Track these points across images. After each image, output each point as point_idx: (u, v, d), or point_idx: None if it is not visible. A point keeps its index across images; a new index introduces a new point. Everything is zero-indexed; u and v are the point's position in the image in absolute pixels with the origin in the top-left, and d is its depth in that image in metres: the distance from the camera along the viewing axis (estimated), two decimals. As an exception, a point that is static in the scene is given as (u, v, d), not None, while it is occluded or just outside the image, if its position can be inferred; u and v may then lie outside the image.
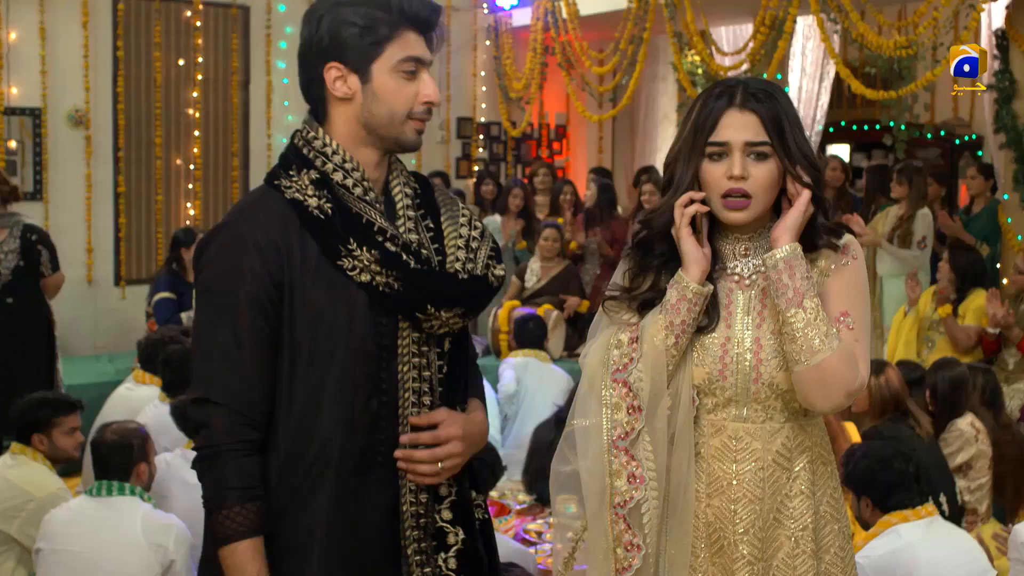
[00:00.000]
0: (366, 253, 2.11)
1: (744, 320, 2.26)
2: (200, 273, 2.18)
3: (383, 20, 2.15)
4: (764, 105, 2.20)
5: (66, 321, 7.58)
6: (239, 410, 2.10)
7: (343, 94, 2.17)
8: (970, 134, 10.55)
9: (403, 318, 2.17)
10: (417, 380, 2.19)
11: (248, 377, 2.11)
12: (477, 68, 10.79)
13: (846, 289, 2.23)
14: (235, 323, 2.10)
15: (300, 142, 2.22)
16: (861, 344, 2.20)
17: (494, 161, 11.01)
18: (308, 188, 2.15)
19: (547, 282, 8.12)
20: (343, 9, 2.15)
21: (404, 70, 2.17)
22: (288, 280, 2.11)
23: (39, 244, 6.14)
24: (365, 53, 2.15)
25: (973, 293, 6.57)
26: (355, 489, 2.14)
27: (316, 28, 2.16)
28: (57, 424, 4.50)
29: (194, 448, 2.14)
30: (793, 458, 2.25)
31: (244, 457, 2.10)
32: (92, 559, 3.81)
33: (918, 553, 3.38)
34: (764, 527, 2.24)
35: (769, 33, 8.24)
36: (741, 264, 2.30)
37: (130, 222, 8.76)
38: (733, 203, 2.21)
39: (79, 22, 8.36)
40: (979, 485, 4.74)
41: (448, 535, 2.22)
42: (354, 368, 2.13)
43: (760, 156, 2.20)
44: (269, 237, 2.11)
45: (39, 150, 8.28)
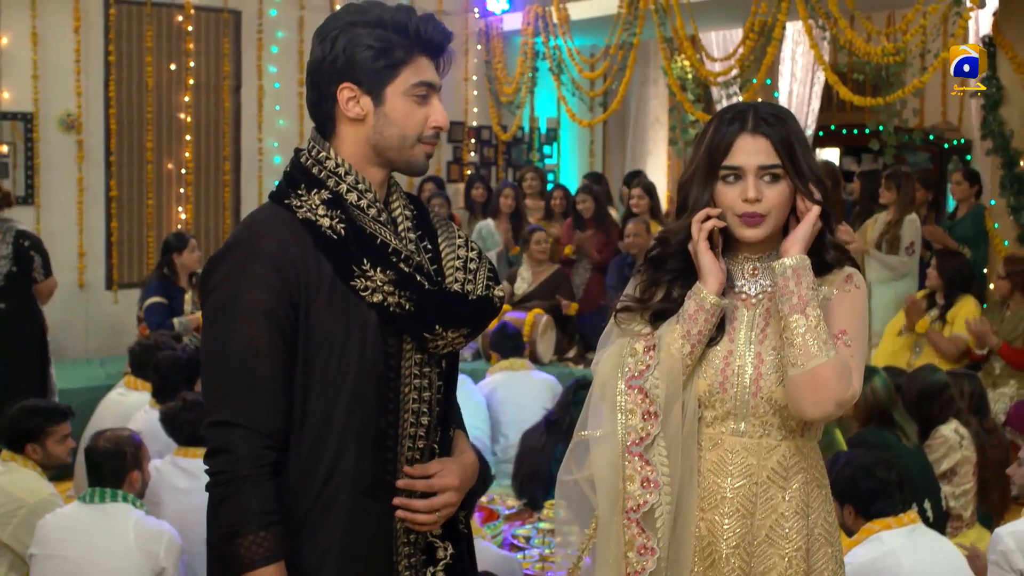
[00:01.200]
0: (380, 274, 2.12)
1: (748, 335, 2.32)
2: (214, 290, 2.14)
3: (399, 44, 2.17)
4: (775, 129, 2.26)
5: (58, 325, 7.61)
6: (261, 431, 2.08)
7: (355, 115, 2.18)
8: (959, 138, 10.62)
9: (408, 338, 2.18)
10: (417, 401, 2.21)
11: (269, 396, 2.09)
12: (468, 72, 10.83)
13: (847, 311, 2.29)
14: (255, 340, 2.08)
15: (308, 161, 2.22)
16: (856, 360, 2.25)
17: (485, 165, 11.05)
18: (319, 208, 2.14)
19: (537, 286, 8.15)
20: (358, 30, 2.16)
21: (416, 94, 2.19)
22: (304, 299, 2.11)
23: (32, 250, 6.17)
24: (380, 76, 2.17)
25: (961, 299, 6.62)
26: (367, 509, 2.16)
27: (331, 47, 2.17)
28: (50, 433, 4.53)
29: (211, 472, 2.10)
30: (789, 477, 2.29)
31: (266, 480, 2.08)
32: (84, 565, 3.84)
33: (900, 560, 3.42)
34: (755, 543, 2.28)
35: (758, 39, 8.29)
36: (749, 284, 2.36)
37: (122, 226, 8.78)
38: (749, 220, 2.28)
39: (71, 27, 8.37)
40: (964, 491, 4.78)
41: (437, 549, 2.26)
42: (365, 388, 2.14)
43: (773, 178, 2.26)
44: (287, 255, 2.10)
45: (31, 154, 8.30)
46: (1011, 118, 7.34)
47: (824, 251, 2.32)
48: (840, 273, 2.34)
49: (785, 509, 2.28)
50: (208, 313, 2.17)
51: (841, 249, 2.35)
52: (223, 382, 2.11)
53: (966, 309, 6.55)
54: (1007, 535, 3.59)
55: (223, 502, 2.08)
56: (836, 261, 2.33)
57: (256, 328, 2.08)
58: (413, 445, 2.21)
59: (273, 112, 9.41)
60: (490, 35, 10.80)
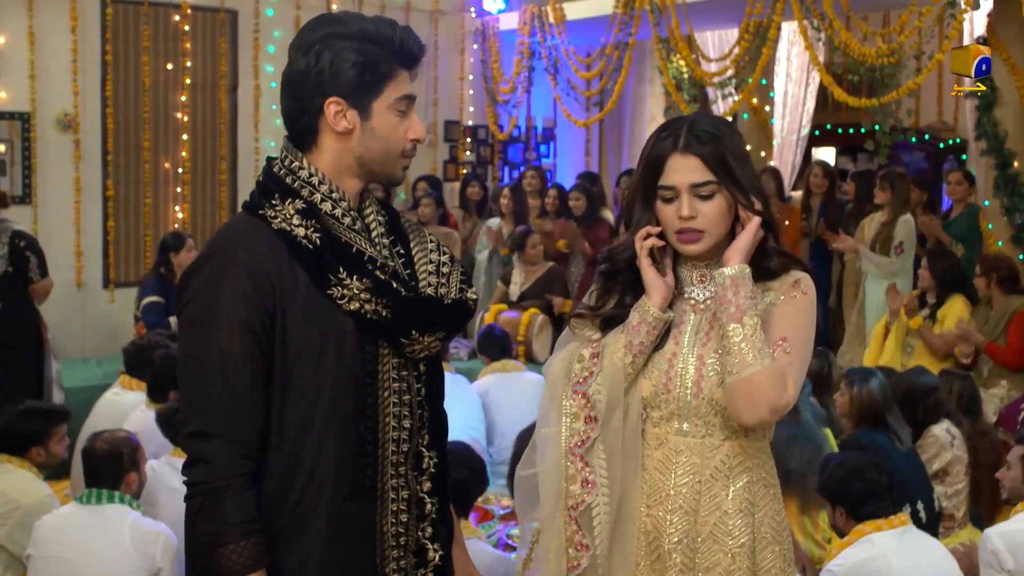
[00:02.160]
0: (356, 282, 2.14)
1: (692, 339, 2.38)
2: (191, 301, 2.15)
3: (383, 58, 2.19)
4: (707, 146, 2.31)
5: (55, 324, 7.62)
6: (239, 441, 2.09)
7: (343, 128, 2.20)
8: (954, 138, 10.64)
9: (385, 344, 2.20)
10: (397, 404, 2.22)
11: (246, 406, 2.10)
12: (464, 72, 10.85)
13: (791, 318, 2.33)
14: (231, 350, 2.09)
15: (281, 171, 2.22)
16: (795, 368, 2.29)
17: (481, 164, 11.07)
18: (294, 218, 2.16)
19: (531, 285, 8.16)
20: (342, 43, 2.17)
21: (399, 108, 2.23)
22: (280, 309, 2.12)
23: (27, 250, 6.20)
24: (367, 90, 2.19)
25: (952, 298, 6.66)
26: (348, 514, 2.18)
27: (316, 61, 2.17)
28: (52, 435, 4.56)
29: (189, 483, 2.11)
30: (732, 476, 2.35)
31: (245, 490, 2.09)
32: (81, 566, 3.86)
33: (890, 562, 3.45)
34: (698, 539, 2.34)
35: (754, 39, 8.31)
36: (697, 289, 2.42)
37: (119, 225, 8.79)
38: (685, 238, 2.35)
39: (68, 27, 8.39)
40: (956, 491, 4.81)
41: (428, 551, 2.28)
42: (343, 396, 2.16)
43: (708, 194, 2.32)
44: (262, 265, 2.12)
45: (28, 154, 8.31)
46: (1005, 119, 7.37)
47: (767, 258, 2.37)
48: (787, 278, 2.38)
49: (729, 507, 2.34)
50: (184, 324, 2.17)
51: (785, 255, 2.40)
52: (200, 392, 2.12)
53: (956, 308, 6.59)
54: (996, 536, 3.63)
55: (203, 512, 2.08)
56: (781, 268, 2.38)
57: (232, 338, 2.09)
58: (397, 449, 2.23)
59: (270, 112, 9.41)
60: (486, 34, 10.82)
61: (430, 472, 2.29)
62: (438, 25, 10.57)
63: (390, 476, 2.22)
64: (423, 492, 2.28)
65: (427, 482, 2.29)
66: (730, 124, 2.44)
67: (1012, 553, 3.61)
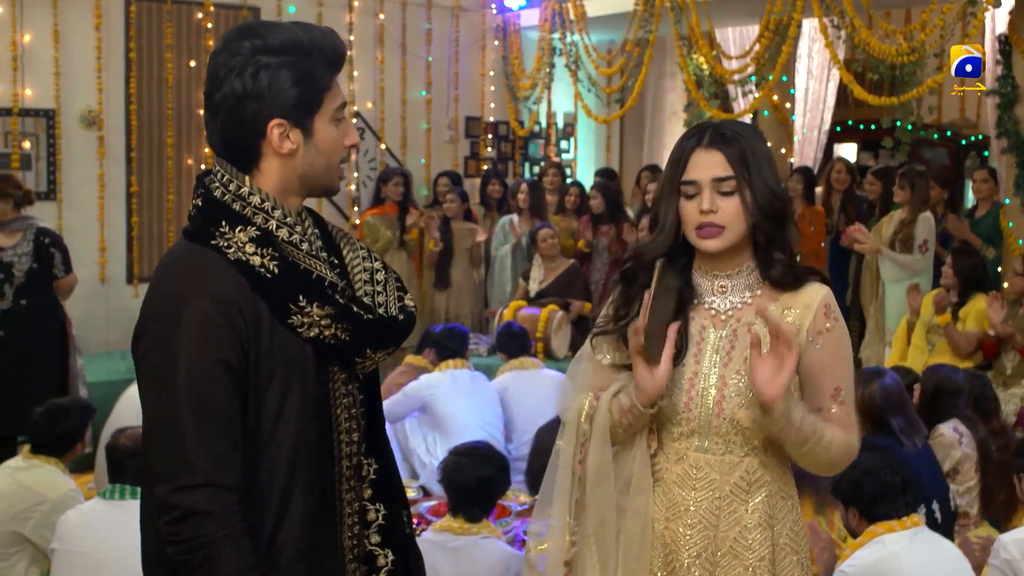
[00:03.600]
0: (317, 309, 2.07)
1: (713, 358, 2.38)
2: (146, 355, 2.04)
3: (317, 70, 2.10)
4: (731, 144, 2.33)
5: (79, 319, 7.69)
6: (229, 486, 1.98)
7: (287, 150, 2.11)
8: (976, 134, 10.59)
9: (336, 363, 2.15)
10: (348, 419, 2.18)
11: (230, 448, 2.00)
12: (485, 68, 10.87)
13: (836, 361, 2.37)
14: (207, 392, 1.98)
15: (226, 196, 2.10)
16: (852, 417, 2.37)
17: (502, 160, 11.10)
18: (247, 246, 2.05)
19: (551, 282, 8.18)
20: (276, 60, 2.06)
21: (336, 118, 2.16)
22: (253, 344, 2.03)
23: (52, 247, 6.27)
24: (308, 108, 2.10)
25: (975, 298, 6.64)
26: (312, 542, 2.13)
27: (252, 82, 2.05)
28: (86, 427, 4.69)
29: (179, 539, 1.96)
30: (752, 491, 2.36)
31: (241, 537, 1.98)
32: (104, 560, 3.91)
33: (903, 562, 3.46)
34: (717, 554, 2.35)
35: (774, 37, 8.30)
36: (718, 300, 2.42)
37: (142, 221, 8.87)
38: (705, 232, 2.35)
39: (92, 24, 8.46)
40: (967, 488, 4.81)
41: (378, 557, 2.23)
42: (308, 425, 2.10)
43: (729, 191, 2.33)
44: (228, 298, 2.02)
45: (53, 150, 8.39)
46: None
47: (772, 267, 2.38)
48: (810, 295, 2.38)
49: (748, 521, 2.35)
50: (150, 371, 2.04)
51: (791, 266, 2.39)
52: (179, 443, 1.97)
53: (979, 308, 6.57)
54: (1011, 543, 3.62)
55: (202, 567, 1.96)
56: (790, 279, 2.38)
57: (209, 379, 1.98)
58: (349, 463, 2.18)
59: (291, 108, 9.46)
60: (507, 31, 10.85)
61: (370, 479, 2.22)
62: (459, 21, 10.60)
63: (344, 491, 2.18)
64: (365, 500, 2.21)
65: (368, 489, 2.22)
66: (756, 128, 2.46)
67: (1027, 560, 3.61)
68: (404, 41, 10.14)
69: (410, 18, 10.23)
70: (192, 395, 1.97)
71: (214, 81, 2.08)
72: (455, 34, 10.56)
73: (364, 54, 9.93)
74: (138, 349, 2.06)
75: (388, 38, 10.02)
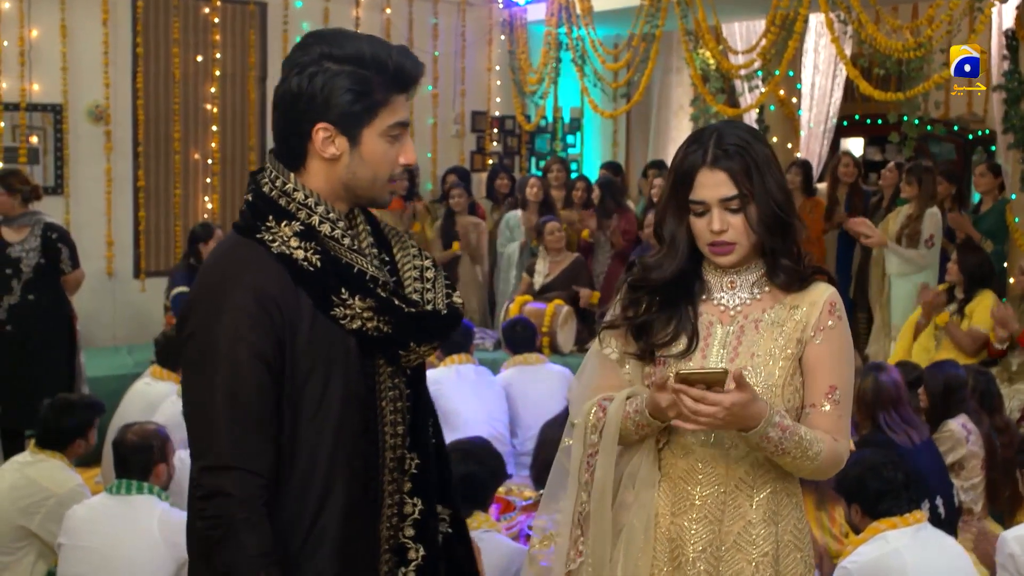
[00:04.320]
0: (359, 301, 2.12)
1: (720, 353, 2.39)
2: (189, 340, 2.13)
3: (378, 85, 2.14)
4: (734, 160, 2.33)
5: (86, 313, 7.74)
6: (255, 471, 2.06)
7: (330, 155, 2.16)
8: (983, 129, 10.57)
9: (382, 356, 2.21)
10: (393, 412, 2.24)
11: (260, 435, 2.08)
12: (492, 62, 10.88)
13: (835, 359, 2.37)
14: (241, 380, 2.06)
15: (273, 191, 2.17)
16: (844, 419, 2.37)
17: (508, 155, 11.11)
18: (291, 240, 2.12)
19: (556, 276, 8.19)
20: (337, 67, 2.12)
21: (391, 135, 2.19)
22: (289, 335, 2.10)
23: (59, 242, 6.30)
24: (357, 118, 2.15)
25: (981, 294, 6.63)
26: (354, 530, 2.19)
27: (308, 83, 2.12)
28: (92, 425, 4.69)
29: (205, 515, 2.07)
30: (757, 486, 2.37)
31: (263, 522, 2.06)
32: (110, 555, 3.95)
33: (905, 559, 3.47)
34: (723, 548, 2.37)
35: (780, 32, 8.29)
36: (727, 295, 2.43)
37: (149, 216, 8.90)
38: (718, 250, 2.38)
39: (99, 20, 8.49)
40: (972, 484, 4.82)
41: (409, 551, 2.28)
42: (351, 415, 2.16)
43: (736, 208, 2.34)
44: (268, 292, 2.09)
45: (60, 145, 8.43)
46: (1033, 113, 7.32)
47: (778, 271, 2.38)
48: (816, 294, 2.39)
49: (753, 516, 2.37)
50: (190, 358, 2.14)
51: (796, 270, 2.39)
52: (212, 426, 2.07)
53: (984, 304, 6.56)
54: (1013, 540, 3.63)
55: (220, 545, 2.05)
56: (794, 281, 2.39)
57: (243, 368, 2.06)
58: (393, 456, 2.25)
59: (298, 103, 9.49)
60: (514, 25, 10.85)
61: (411, 473, 2.28)
62: (466, 16, 10.61)
63: (387, 483, 2.24)
64: (403, 492, 2.27)
65: (408, 483, 2.28)
66: (756, 133, 2.44)
67: (1030, 556, 3.62)
68: (411, 36, 10.14)
69: (416, 13, 10.24)
70: (227, 384, 2.06)
71: (282, 77, 2.17)
72: (461, 28, 10.57)
73: (371, 50, 9.90)
74: (182, 331, 2.15)
75: (395, 32, 10.03)
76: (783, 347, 2.36)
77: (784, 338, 2.37)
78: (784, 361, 2.36)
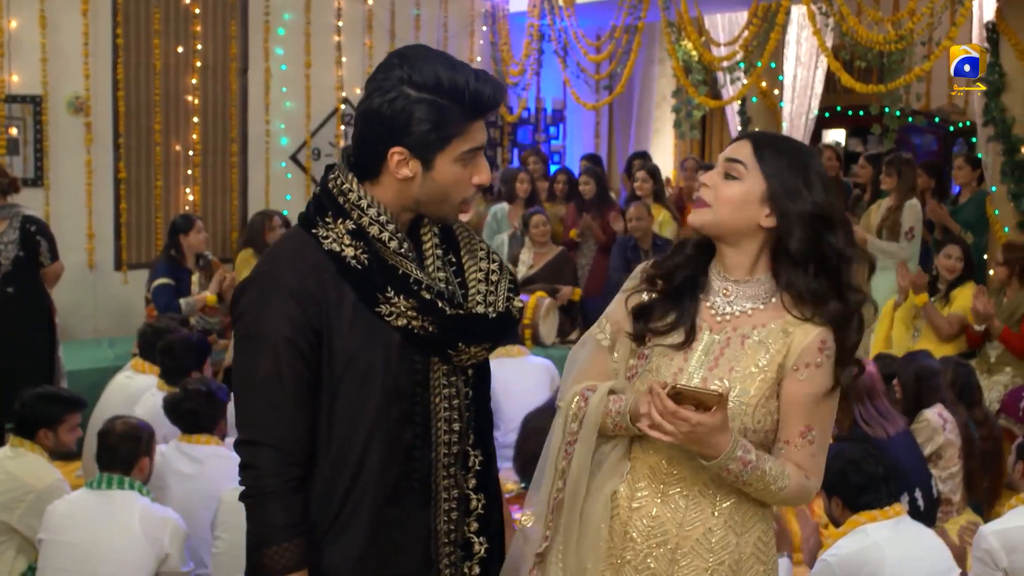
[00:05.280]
0: (403, 301, 2.22)
1: (701, 359, 2.35)
2: (239, 319, 2.28)
3: (455, 115, 2.20)
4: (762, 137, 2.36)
5: (67, 306, 7.71)
6: (285, 449, 2.22)
7: (403, 176, 2.24)
8: (964, 121, 10.62)
9: (435, 354, 2.30)
10: (448, 409, 2.33)
11: (292, 417, 2.22)
12: (474, 54, 10.85)
13: (814, 400, 2.29)
14: (277, 367, 2.21)
15: (335, 190, 2.29)
16: (817, 459, 2.33)
17: (491, 146, 11.10)
18: (344, 237, 2.24)
19: (540, 268, 8.20)
20: (416, 94, 2.18)
21: (465, 159, 2.26)
22: (326, 326, 2.22)
23: (38, 234, 6.25)
24: (432, 146, 2.22)
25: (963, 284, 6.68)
26: (391, 516, 2.29)
27: (388, 107, 2.19)
28: (64, 421, 4.63)
29: (241, 485, 2.25)
30: (720, 495, 2.34)
31: (290, 495, 2.22)
32: (91, 550, 3.94)
33: (884, 552, 3.49)
34: (678, 551, 2.34)
35: (762, 24, 8.31)
36: (720, 302, 2.39)
37: (130, 208, 8.85)
38: (694, 204, 2.39)
39: (79, 10, 8.42)
40: (950, 474, 4.85)
41: (474, 544, 2.39)
42: (389, 405, 2.26)
43: (734, 175, 2.32)
44: (304, 286, 2.21)
45: (40, 137, 8.36)
46: (1013, 105, 7.35)
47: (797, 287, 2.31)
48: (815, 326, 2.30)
49: (714, 524, 2.33)
50: (236, 339, 2.33)
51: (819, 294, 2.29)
52: (249, 404, 2.26)
53: (966, 292, 6.60)
54: (990, 534, 3.67)
55: (252, 514, 2.24)
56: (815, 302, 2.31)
57: (277, 357, 2.21)
58: (448, 451, 2.33)
59: (280, 94, 9.47)
60: (496, 17, 10.83)
61: (475, 470, 2.38)
62: (448, 7, 10.58)
63: (442, 477, 2.33)
64: (469, 489, 2.37)
65: (472, 479, 2.38)
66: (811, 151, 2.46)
67: (1007, 551, 3.65)
68: (393, 27, 10.11)
69: (399, 4, 10.20)
70: (263, 369, 2.21)
71: (365, 95, 2.26)
72: (444, 19, 10.54)
73: (352, 40, 9.90)
74: (235, 309, 2.30)
75: (377, 24, 10.00)
76: (764, 368, 2.30)
77: (768, 359, 2.31)
78: (761, 382, 2.30)
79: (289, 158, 9.68)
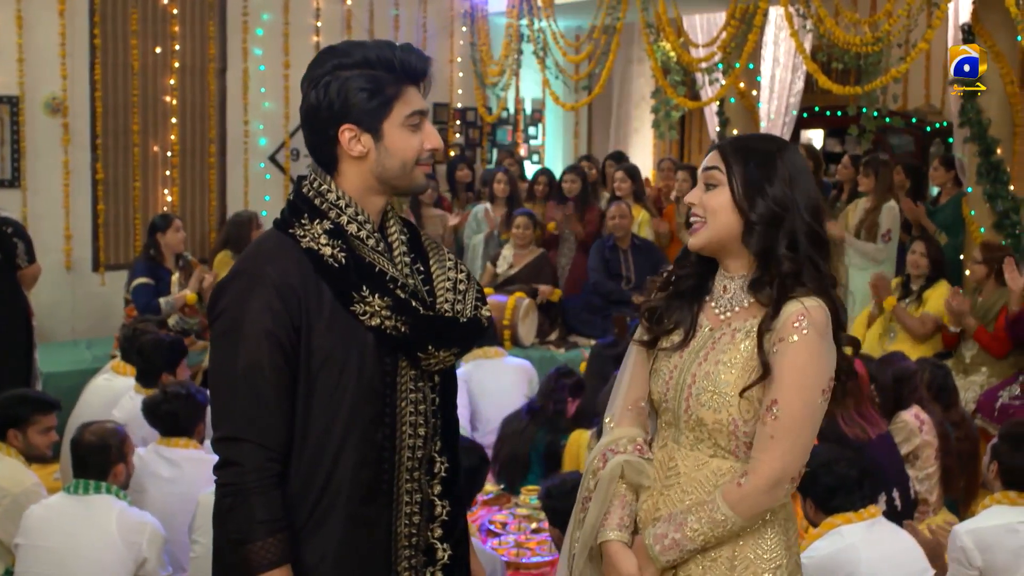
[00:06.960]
0: (378, 300, 2.27)
1: (694, 354, 2.40)
2: (220, 314, 2.29)
3: (388, 80, 2.31)
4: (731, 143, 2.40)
5: (45, 307, 7.67)
6: (266, 444, 2.24)
7: (358, 153, 2.33)
8: (942, 121, 10.68)
9: (404, 357, 2.34)
10: (414, 414, 2.36)
11: (273, 412, 2.25)
12: (453, 54, 10.86)
13: (785, 374, 2.26)
14: (258, 360, 2.23)
15: (310, 192, 2.36)
16: (779, 441, 2.25)
17: (470, 146, 11.10)
18: (321, 237, 2.30)
19: (520, 269, 8.21)
20: (348, 73, 2.30)
21: (410, 124, 2.34)
22: (305, 323, 2.25)
23: (15, 236, 6.23)
24: (376, 114, 2.31)
25: (937, 283, 6.73)
26: (363, 517, 2.32)
27: (324, 93, 2.30)
28: (34, 423, 4.60)
29: (219, 483, 2.26)
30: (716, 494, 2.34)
31: (272, 491, 2.23)
32: (68, 555, 3.93)
33: (859, 554, 3.51)
34: None
35: (740, 25, 8.34)
36: (720, 300, 2.44)
37: (108, 208, 8.80)
38: (690, 229, 2.44)
39: (56, 10, 8.37)
40: (927, 475, 4.88)
41: (437, 550, 2.42)
42: (363, 405, 2.29)
43: (713, 183, 2.37)
44: (288, 281, 2.25)
45: (17, 138, 8.31)
46: (989, 106, 7.39)
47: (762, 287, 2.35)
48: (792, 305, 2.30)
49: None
50: (215, 336, 2.32)
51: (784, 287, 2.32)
52: (230, 399, 2.26)
53: (939, 292, 6.65)
54: (964, 533, 3.69)
55: (232, 511, 2.24)
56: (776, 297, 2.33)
57: (260, 349, 2.23)
58: (412, 455, 2.36)
59: (258, 94, 9.43)
60: (475, 17, 10.82)
61: (441, 476, 2.42)
62: (427, 7, 10.58)
63: (405, 481, 2.35)
64: (434, 495, 2.41)
65: (438, 486, 2.41)
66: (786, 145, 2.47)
67: (980, 550, 3.68)
68: (371, 27, 10.10)
69: (377, 4, 10.19)
70: (245, 363, 2.23)
71: (303, 95, 2.36)
72: (423, 20, 10.53)
73: (331, 41, 9.68)
74: (214, 308, 2.32)
75: (355, 24, 9.99)
76: (746, 357, 2.31)
77: (752, 347, 2.31)
78: (738, 369, 2.31)
79: (268, 159, 9.65)
